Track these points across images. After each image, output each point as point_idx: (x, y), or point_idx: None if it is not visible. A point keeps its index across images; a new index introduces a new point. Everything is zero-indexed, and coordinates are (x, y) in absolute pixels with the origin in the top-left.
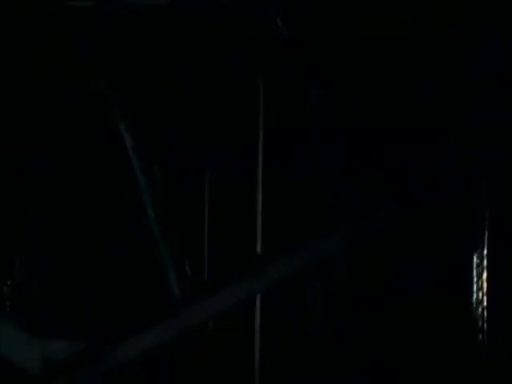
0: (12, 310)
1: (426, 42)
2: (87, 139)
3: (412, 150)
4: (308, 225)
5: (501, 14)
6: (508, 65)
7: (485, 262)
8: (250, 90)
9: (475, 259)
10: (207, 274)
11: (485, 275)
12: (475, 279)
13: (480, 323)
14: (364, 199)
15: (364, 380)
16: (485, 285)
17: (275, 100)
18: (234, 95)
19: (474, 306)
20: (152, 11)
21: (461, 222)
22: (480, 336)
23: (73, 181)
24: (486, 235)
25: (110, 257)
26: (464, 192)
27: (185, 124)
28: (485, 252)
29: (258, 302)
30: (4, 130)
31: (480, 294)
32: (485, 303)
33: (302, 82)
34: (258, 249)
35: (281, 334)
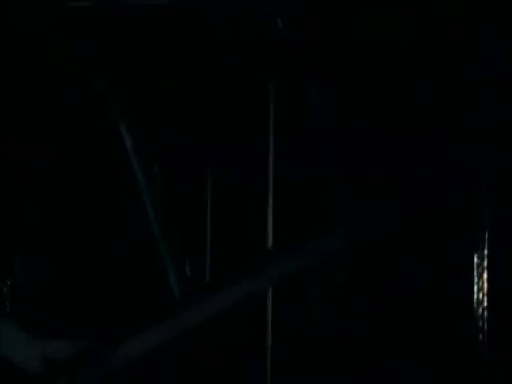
0: (12, 310)
1: (426, 41)
2: (87, 139)
3: (412, 150)
4: (308, 225)
5: (501, 13)
6: (508, 65)
7: (485, 263)
8: (250, 90)
9: (476, 259)
10: (209, 273)
11: (485, 276)
12: (476, 280)
13: (480, 323)
14: (364, 199)
15: (364, 380)
16: (485, 285)
17: (275, 100)
18: (233, 95)
19: (475, 306)
20: (152, 11)
21: (461, 222)
22: (480, 336)
23: (73, 181)
24: (487, 235)
25: (109, 257)
26: (464, 192)
27: (183, 124)
28: (485, 252)
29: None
30: (4, 130)
31: (480, 295)
32: (485, 303)
33: (302, 82)
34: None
35: (280, 335)
